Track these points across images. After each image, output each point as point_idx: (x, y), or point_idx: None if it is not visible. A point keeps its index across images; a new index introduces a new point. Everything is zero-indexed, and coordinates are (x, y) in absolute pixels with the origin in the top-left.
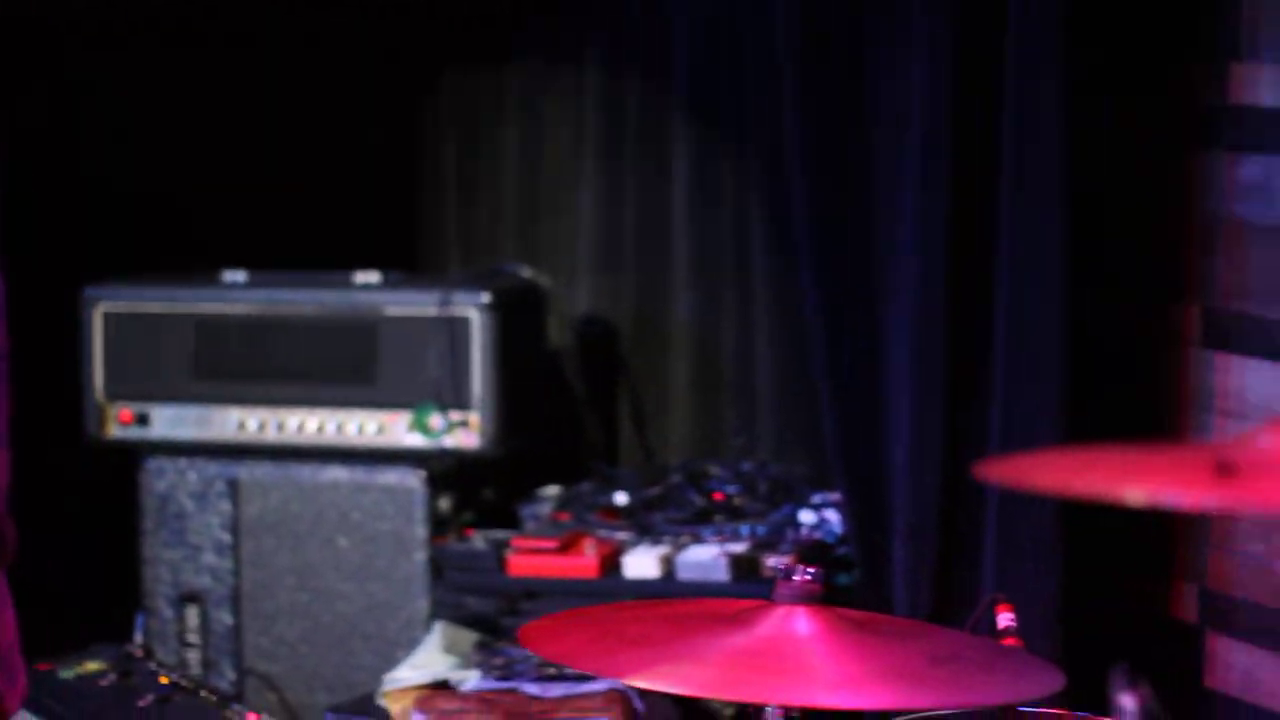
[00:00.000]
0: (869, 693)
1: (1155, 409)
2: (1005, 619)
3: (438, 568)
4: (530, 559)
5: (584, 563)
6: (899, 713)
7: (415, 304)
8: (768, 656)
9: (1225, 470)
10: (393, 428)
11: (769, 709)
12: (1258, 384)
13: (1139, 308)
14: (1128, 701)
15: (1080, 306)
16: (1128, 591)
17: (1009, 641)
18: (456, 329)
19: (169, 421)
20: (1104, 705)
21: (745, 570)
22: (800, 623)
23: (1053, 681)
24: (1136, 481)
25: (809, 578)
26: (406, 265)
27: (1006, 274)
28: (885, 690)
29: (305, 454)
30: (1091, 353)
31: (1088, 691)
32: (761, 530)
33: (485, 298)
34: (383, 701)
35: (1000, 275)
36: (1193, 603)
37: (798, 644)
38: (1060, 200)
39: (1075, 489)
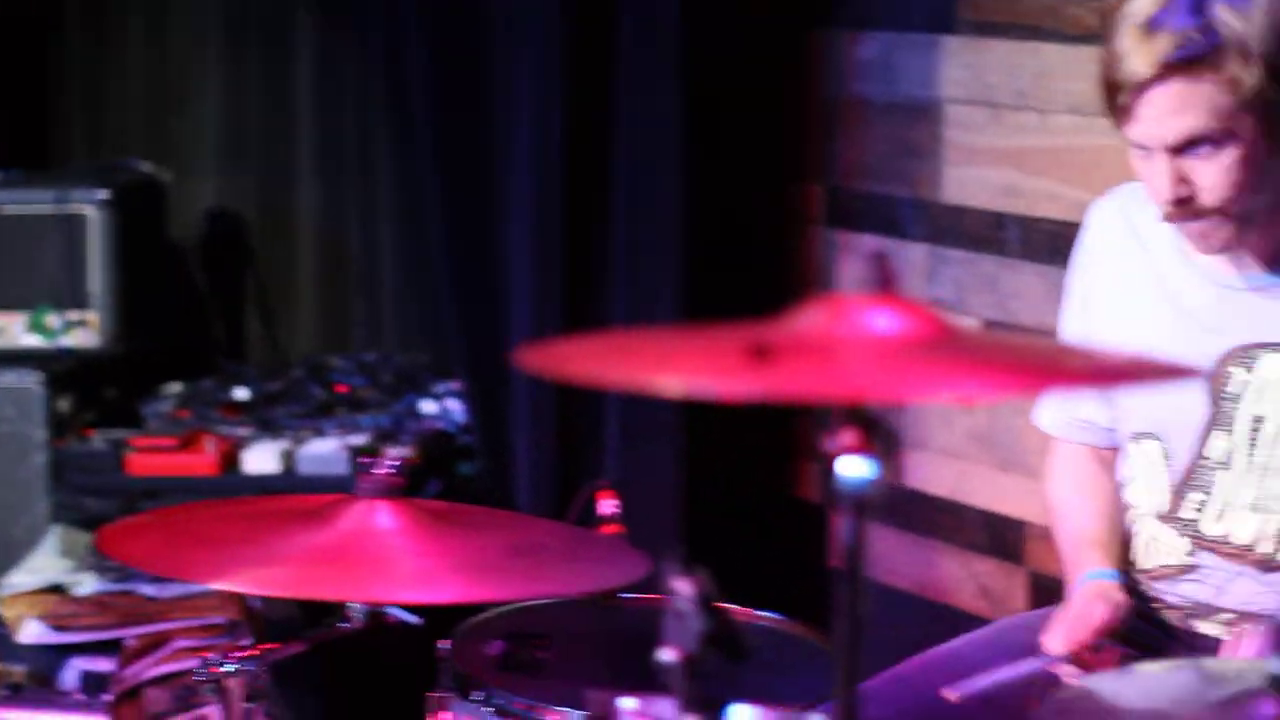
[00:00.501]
0: (445, 586)
1: (780, 286)
2: (607, 506)
3: (58, 469)
4: (149, 458)
5: (203, 460)
6: (485, 605)
7: (30, 202)
8: (346, 553)
9: (761, 354)
10: (10, 328)
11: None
12: None
13: (762, 188)
14: (683, 585)
15: (701, 186)
16: (752, 471)
17: (609, 529)
18: (73, 227)
19: None
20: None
21: None
22: (381, 517)
23: (636, 569)
24: (672, 369)
25: (389, 470)
26: (38, 163)
27: (625, 154)
28: (462, 583)
29: None
30: (715, 231)
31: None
32: (384, 421)
33: (102, 194)
34: None
35: (619, 156)
36: (817, 481)
37: (378, 539)
38: (677, 83)
39: (609, 378)
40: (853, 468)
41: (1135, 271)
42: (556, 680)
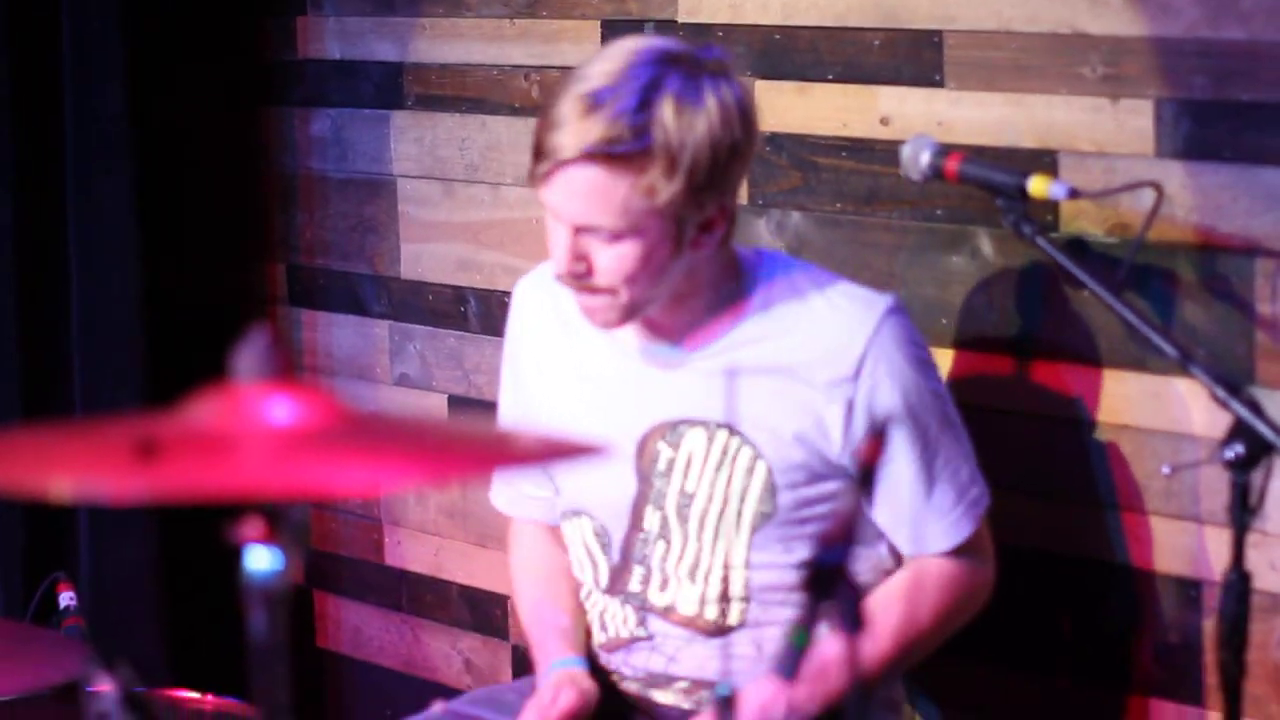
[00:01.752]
0: None
1: None
2: (65, 598)
3: None
4: None
5: None
6: None
7: None
8: None
9: (148, 450)
10: None
11: None
12: (343, 339)
13: (224, 267)
14: (105, 683)
15: (161, 275)
16: (234, 553)
17: (70, 621)
18: None
19: None
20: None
21: None
22: None
23: (76, 666)
24: (59, 470)
25: None
26: None
27: (79, 244)
28: None
29: None
30: (178, 318)
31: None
32: None
33: None
34: None
35: (73, 244)
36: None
37: None
38: (128, 163)
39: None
40: (259, 559)
41: (559, 349)
42: None
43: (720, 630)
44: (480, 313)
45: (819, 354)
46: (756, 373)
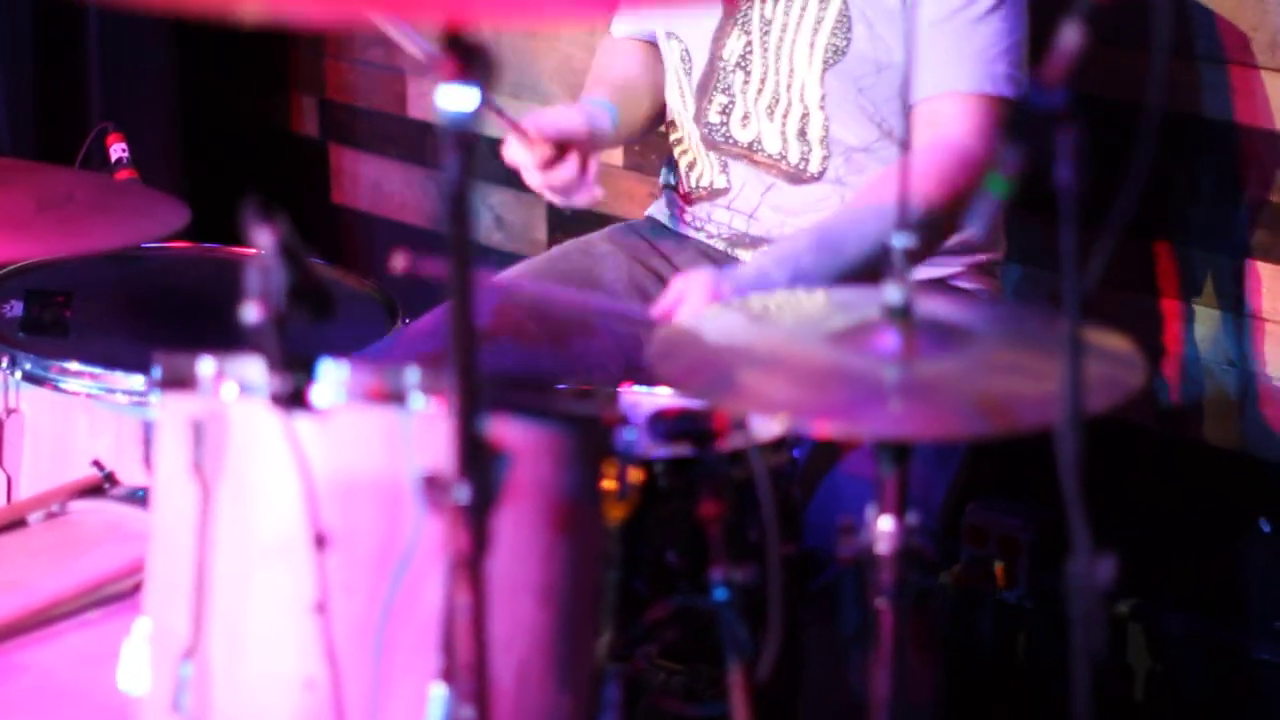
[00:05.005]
0: None
1: None
2: (117, 150)
3: None
4: None
5: None
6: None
7: None
8: None
9: None
10: None
11: None
12: None
13: None
14: (263, 236)
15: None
16: (247, 109)
17: (123, 174)
18: None
19: None
20: (233, 233)
21: None
22: None
23: (177, 217)
24: None
25: None
26: None
27: None
28: None
29: None
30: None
31: (218, 219)
32: None
33: None
34: None
35: None
36: (314, 115)
37: None
38: None
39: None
40: (453, 98)
41: None
42: (90, 339)
43: (799, 177)
44: None
45: None
46: None
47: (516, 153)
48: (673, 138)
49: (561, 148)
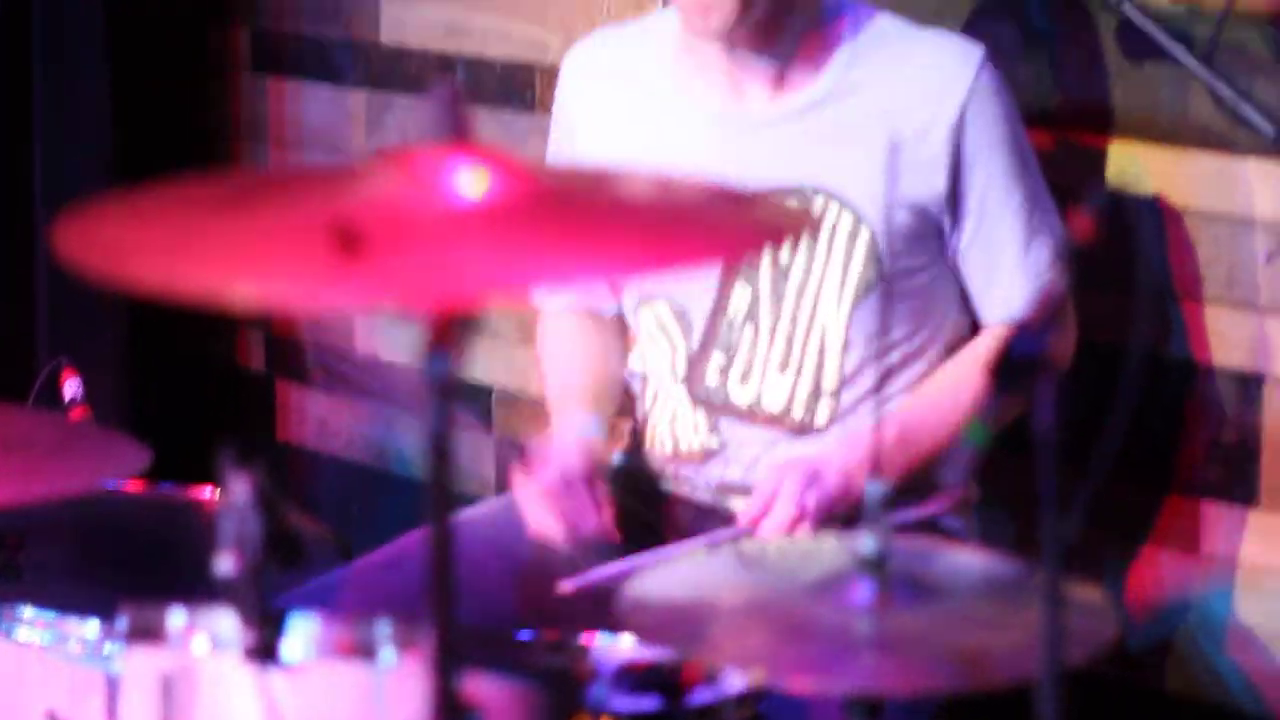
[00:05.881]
0: None
1: (207, 139)
2: (72, 386)
3: None
4: None
5: None
6: None
7: None
8: None
9: (349, 241)
10: None
11: None
12: (315, 109)
13: (185, 31)
14: (238, 485)
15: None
16: (193, 342)
17: (77, 412)
18: None
19: None
20: (188, 471)
21: None
22: None
23: (136, 459)
24: (242, 273)
25: None
26: None
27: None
28: None
29: None
30: (141, 81)
31: (164, 454)
32: None
33: None
34: None
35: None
36: (260, 350)
37: None
38: None
39: (179, 286)
40: (439, 360)
41: (624, 118)
42: (46, 584)
43: (805, 430)
44: (470, 80)
45: (919, 106)
46: (852, 128)
47: (543, 521)
48: (643, 401)
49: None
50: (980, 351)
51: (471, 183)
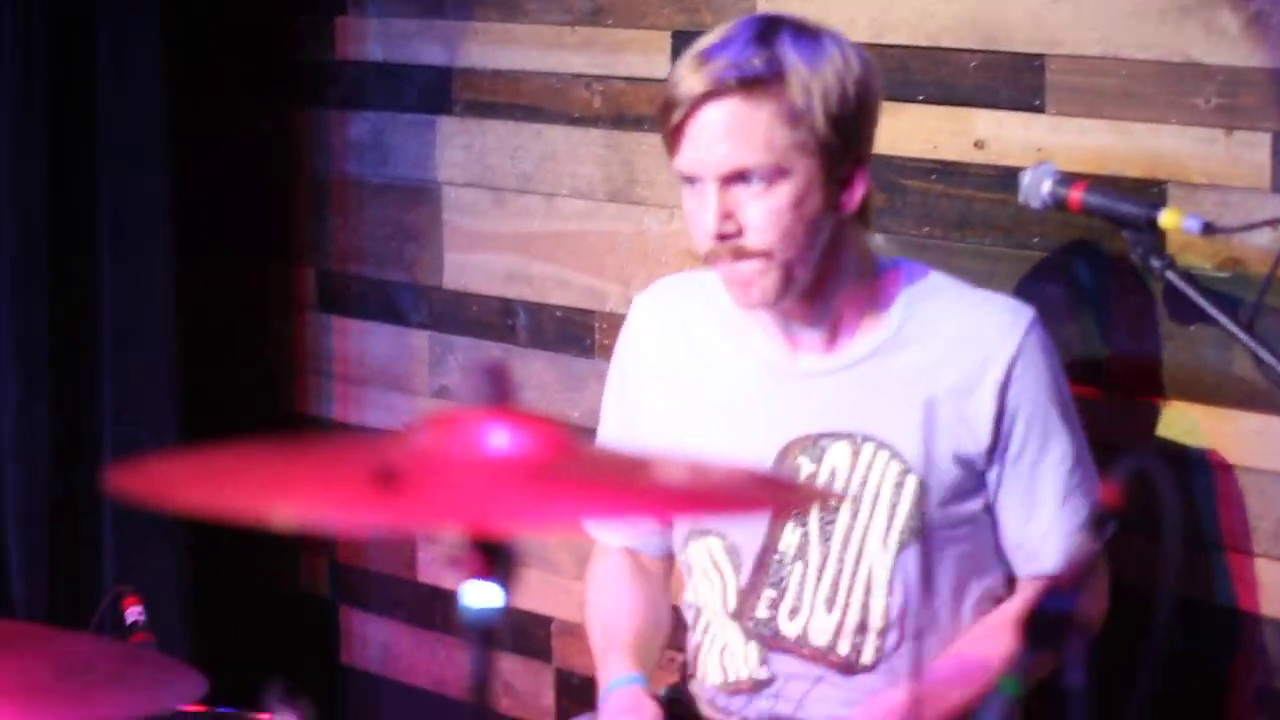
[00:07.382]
0: None
1: (272, 374)
2: (133, 613)
3: None
4: None
5: None
6: None
7: None
8: None
9: (387, 479)
10: None
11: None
12: (376, 347)
13: (252, 271)
14: (286, 716)
15: (192, 273)
16: (259, 568)
17: (139, 637)
18: None
19: None
20: (245, 693)
21: None
22: None
23: (193, 687)
24: (286, 497)
25: None
26: None
27: (110, 248)
28: (7, 711)
29: None
30: (207, 318)
31: (227, 679)
32: None
33: None
34: None
35: (104, 250)
36: (324, 577)
37: None
38: (164, 168)
39: (219, 508)
40: (476, 595)
41: (683, 364)
42: None
43: (851, 668)
44: (530, 326)
45: (968, 362)
46: (902, 381)
47: None
48: (694, 632)
49: None
50: (1012, 607)
51: (505, 439)
